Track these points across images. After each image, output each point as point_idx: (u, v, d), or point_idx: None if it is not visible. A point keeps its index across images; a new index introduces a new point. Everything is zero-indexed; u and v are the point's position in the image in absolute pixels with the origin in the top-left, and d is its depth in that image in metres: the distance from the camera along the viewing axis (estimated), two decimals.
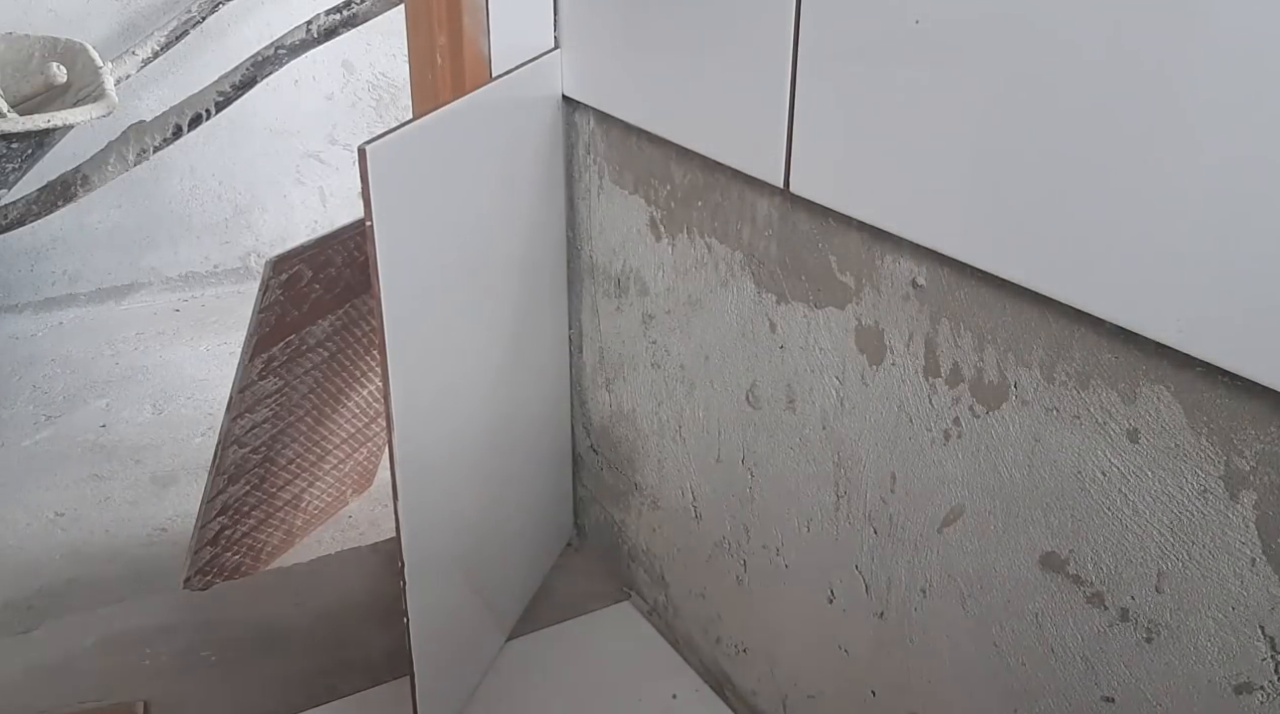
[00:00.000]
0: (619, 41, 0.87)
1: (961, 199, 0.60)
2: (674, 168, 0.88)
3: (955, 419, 0.68)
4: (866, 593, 0.80)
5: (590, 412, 1.13)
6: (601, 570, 1.20)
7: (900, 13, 0.61)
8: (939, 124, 0.60)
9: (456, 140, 0.83)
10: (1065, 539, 0.62)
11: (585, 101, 0.95)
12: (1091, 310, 0.56)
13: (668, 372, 0.97)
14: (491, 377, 0.96)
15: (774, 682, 0.95)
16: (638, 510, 1.09)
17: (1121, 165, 0.51)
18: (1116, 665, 0.62)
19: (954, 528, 0.70)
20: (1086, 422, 0.59)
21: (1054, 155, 0.55)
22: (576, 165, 1.02)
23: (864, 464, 0.76)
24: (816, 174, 0.71)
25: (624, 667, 1.06)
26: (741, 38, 0.73)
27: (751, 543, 0.92)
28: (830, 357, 0.77)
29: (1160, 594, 0.58)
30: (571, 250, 1.07)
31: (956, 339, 0.66)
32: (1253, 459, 0.52)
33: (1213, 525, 0.54)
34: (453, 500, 0.92)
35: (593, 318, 1.07)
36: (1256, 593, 0.53)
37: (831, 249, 0.74)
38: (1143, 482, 0.57)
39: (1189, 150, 0.49)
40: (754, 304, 0.83)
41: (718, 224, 0.85)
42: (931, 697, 0.76)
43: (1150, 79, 0.49)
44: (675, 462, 1.00)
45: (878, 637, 0.80)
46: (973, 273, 0.63)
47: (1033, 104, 0.55)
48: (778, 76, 0.70)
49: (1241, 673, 0.55)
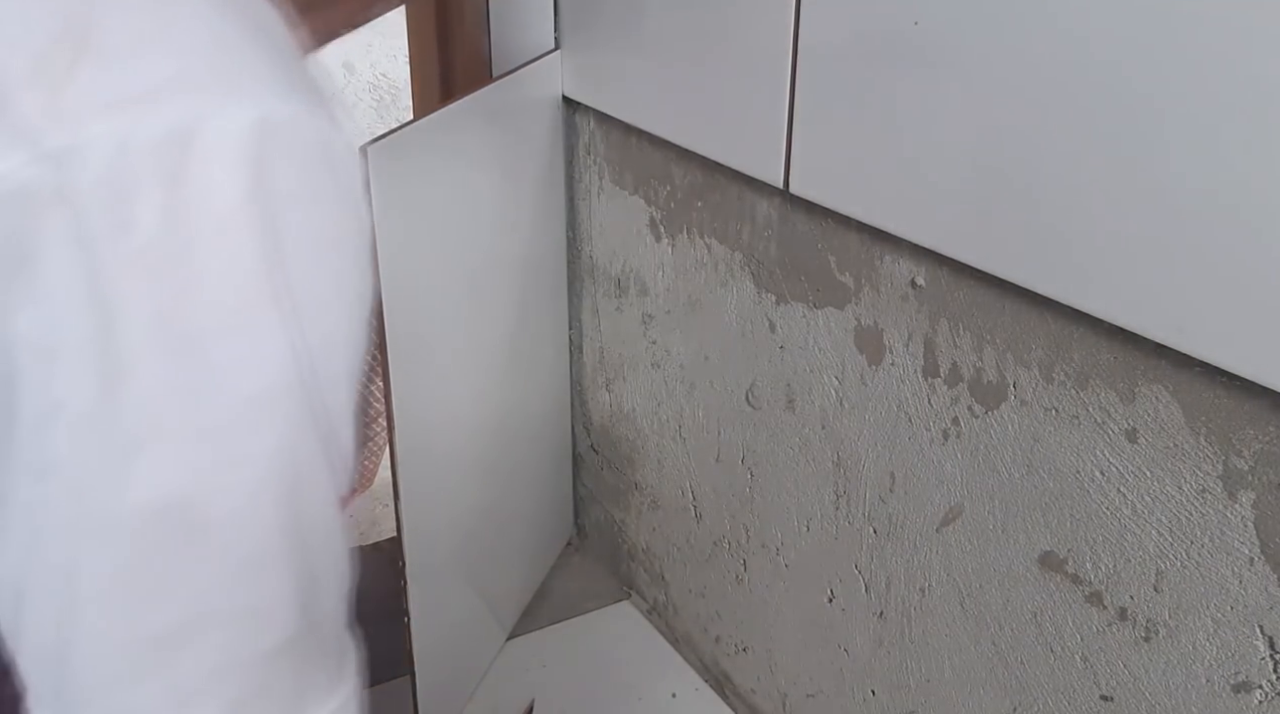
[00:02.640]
0: (619, 42, 0.87)
1: (961, 199, 0.60)
2: (674, 168, 0.88)
3: (954, 419, 0.68)
4: (866, 592, 0.80)
5: (590, 411, 1.13)
6: (601, 570, 1.20)
7: (900, 13, 0.61)
8: (939, 124, 0.60)
9: (457, 141, 0.83)
10: (1064, 539, 0.63)
11: (585, 102, 0.95)
12: (1091, 310, 0.56)
13: (667, 371, 0.97)
14: (491, 376, 0.97)
15: (774, 681, 0.95)
16: (637, 510, 1.09)
17: (1121, 165, 0.52)
18: (1115, 664, 0.62)
19: (953, 527, 0.70)
20: (1085, 421, 0.59)
21: (1054, 155, 0.55)
22: (577, 166, 1.02)
23: (863, 464, 0.77)
24: (816, 174, 0.71)
25: (624, 666, 1.06)
26: (741, 38, 0.73)
27: (751, 542, 0.92)
28: (829, 356, 0.77)
29: (1158, 593, 0.58)
30: (571, 251, 1.07)
31: (955, 339, 0.66)
32: (1251, 459, 0.52)
33: (1211, 525, 0.55)
34: (453, 500, 0.93)
35: (593, 318, 1.07)
36: (1255, 592, 0.53)
37: (831, 249, 0.74)
38: (1141, 481, 0.57)
39: (1189, 150, 0.49)
40: (754, 304, 0.83)
41: (718, 224, 0.85)
42: (931, 696, 0.77)
43: (1151, 79, 0.50)
44: (675, 461, 1.00)
45: (877, 636, 0.80)
46: (972, 273, 0.63)
47: (1033, 104, 0.55)
48: (778, 77, 0.70)
49: (1240, 672, 0.55)
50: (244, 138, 0.33)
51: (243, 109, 0.33)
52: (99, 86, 0.32)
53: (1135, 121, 0.50)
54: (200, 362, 0.33)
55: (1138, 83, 0.50)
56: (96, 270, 0.32)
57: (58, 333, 0.32)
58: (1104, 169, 0.52)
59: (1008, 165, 0.57)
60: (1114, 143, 0.52)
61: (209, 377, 0.34)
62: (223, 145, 0.32)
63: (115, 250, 0.32)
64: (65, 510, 0.34)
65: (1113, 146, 0.52)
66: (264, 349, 0.34)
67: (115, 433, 0.33)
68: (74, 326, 0.32)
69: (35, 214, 0.31)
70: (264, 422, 0.35)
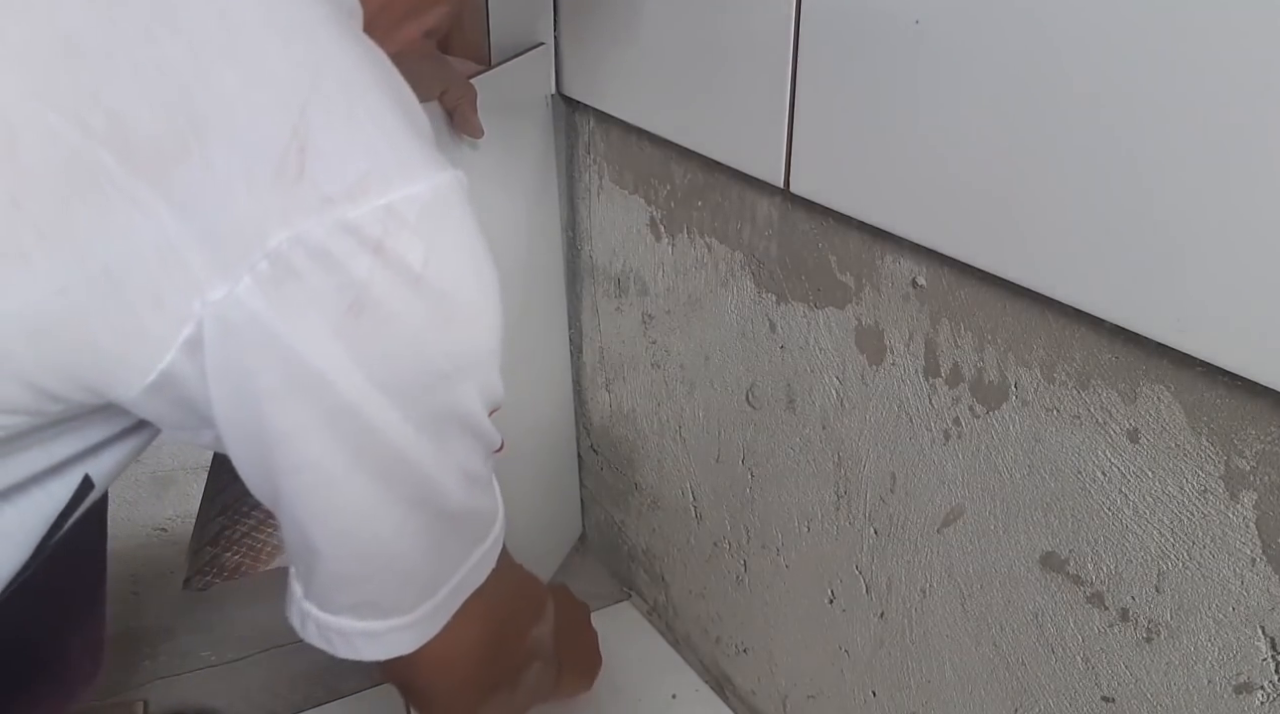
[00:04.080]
0: (619, 41, 0.87)
1: (962, 199, 0.60)
2: (674, 168, 0.88)
3: (955, 419, 0.68)
4: (866, 593, 0.80)
5: (590, 412, 1.13)
6: (601, 570, 1.20)
7: (901, 12, 0.60)
8: (939, 123, 0.60)
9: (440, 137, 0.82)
10: (1065, 539, 0.62)
11: (585, 101, 0.95)
12: (1092, 310, 0.56)
13: (668, 371, 0.97)
14: None
15: (774, 681, 0.95)
16: (638, 510, 1.09)
17: (1122, 165, 0.51)
18: (1116, 665, 0.62)
19: (954, 528, 0.70)
20: (1086, 421, 0.59)
21: (1054, 155, 0.55)
22: (576, 165, 1.02)
23: (864, 464, 0.76)
24: (816, 174, 0.71)
25: (624, 666, 1.05)
26: (742, 37, 0.73)
27: (751, 543, 0.92)
28: (830, 356, 0.77)
29: (1160, 594, 0.58)
30: (571, 250, 1.07)
31: (957, 339, 0.66)
32: (1253, 459, 0.52)
33: (1213, 525, 0.54)
34: None
35: (592, 318, 1.07)
36: (1257, 593, 0.53)
37: (831, 249, 0.74)
38: (1143, 481, 0.57)
39: (1190, 149, 0.49)
40: (754, 304, 0.83)
41: (718, 224, 0.85)
42: (931, 697, 0.76)
43: (1151, 79, 0.49)
44: (675, 462, 1.00)
45: (878, 637, 0.80)
46: (973, 273, 0.63)
47: (1033, 103, 0.55)
48: (778, 75, 0.70)
49: (1241, 673, 0.55)
50: (422, 208, 0.42)
51: (418, 186, 0.43)
52: (322, 182, 0.40)
53: (1136, 121, 0.50)
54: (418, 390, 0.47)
55: (1139, 82, 0.50)
56: (324, 332, 0.42)
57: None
58: (1106, 168, 0.52)
59: (1009, 164, 0.57)
60: (1115, 142, 0.51)
61: (420, 399, 0.46)
62: (410, 217, 0.42)
63: (335, 311, 0.42)
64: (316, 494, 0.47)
65: (1114, 146, 0.52)
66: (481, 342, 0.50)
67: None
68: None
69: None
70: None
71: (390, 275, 0.42)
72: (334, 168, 0.41)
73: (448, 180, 0.44)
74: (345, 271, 0.41)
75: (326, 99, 0.41)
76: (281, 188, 0.40)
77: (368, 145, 0.42)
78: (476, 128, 0.84)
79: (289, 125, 0.40)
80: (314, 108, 0.41)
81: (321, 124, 0.41)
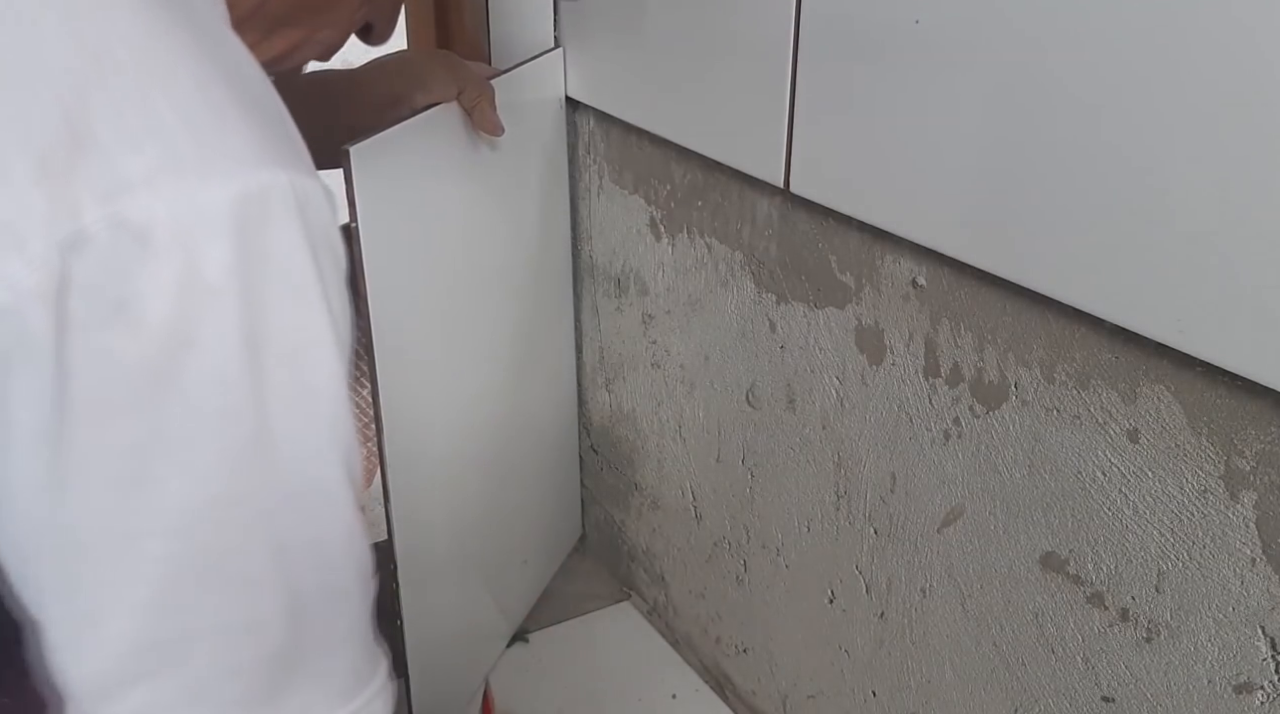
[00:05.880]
0: (619, 41, 0.87)
1: (962, 199, 0.60)
2: (674, 168, 0.88)
3: (955, 419, 0.68)
4: (867, 593, 0.80)
5: (590, 412, 1.13)
6: (601, 571, 1.20)
7: (901, 11, 0.60)
8: (939, 124, 0.60)
9: (450, 140, 0.82)
10: (1065, 539, 0.62)
11: (585, 101, 0.95)
12: (1091, 310, 0.56)
13: (668, 371, 0.97)
14: (494, 377, 0.96)
15: (774, 682, 0.95)
16: (638, 510, 1.09)
17: (1122, 165, 0.51)
18: (1116, 665, 0.62)
19: (954, 528, 0.70)
20: (1086, 421, 0.59)
21: (1054, 155, 0.55)
22: (576, 165, 1.02)
23: (864, 464, 0.76)
24: (816, 174, 0.71)
25: (624, 667, 1.06)
26: (742, 37, 0.73)
27: (751, 543, 0.92)
28: (830, 356, 0.77)
29: (1160, 594, 0.58)
30: (571, 250, 1.07)
31: (957, 339, 0.66)
32: (1253, 459, 0.52)
33: (1213, 525, 0.54)
34: (451, 501, 0.92)
35: (593, 318, 1.07)
36: (1257, 593, 0.53)
37: (831, 249, 0.73)
38: (1143, 482, 0.57)
39: (1189, 150, 0.49)
40: (754, 304, 0.83)
41: (718, 224, 0.85)
42: (931, 697, 0.76)
43: (1151, 78, 0.49)
44: (675, 462, 1.00)
45: (878, 637, 0.80)
46: (973, 273, 0.63)
47: (1033, 103, 0.55)
48: (778, 76, 0.70)
49: (1241, 673, 0.55)
50: (224, 213, 0.37)
51: (223, 187, 0.37)
52: (96, 176, 0.35)
53: (1136, 121, 0.50)
54: (192, 411, 0.38)
55: (1139, 82, 0.50)
56: (99, 347, 0.36)
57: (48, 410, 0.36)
58: (1105, 168, 0.52)
59: (1009, 164, 0.57)
60: (1115, 142, 0.51)
61: (204, 425, 0.38)
62: (206, 222, 0.36)
63: (116, 323, 0.36)
64: (87, 530, 0.38)
65: (1114, 146, 0.52)
66: (242, 401, 0.39)
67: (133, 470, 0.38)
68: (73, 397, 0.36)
69: (31, 312, 0.35)
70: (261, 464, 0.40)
71: (173, 283, 0.36)
72: (114, 159, 0.36)
73: (279, 183, 0.38)
74: (121, 275, 0.35)
75: (115, 85, 0.36)
76: (48, 183, 0.35)
77: (162, 136, 0.37)
78: (496, 125, 0.83)
79: (59, 113, 0.35)
80: (97, 94, 0.36)
81: (105, 113, 0.36)
